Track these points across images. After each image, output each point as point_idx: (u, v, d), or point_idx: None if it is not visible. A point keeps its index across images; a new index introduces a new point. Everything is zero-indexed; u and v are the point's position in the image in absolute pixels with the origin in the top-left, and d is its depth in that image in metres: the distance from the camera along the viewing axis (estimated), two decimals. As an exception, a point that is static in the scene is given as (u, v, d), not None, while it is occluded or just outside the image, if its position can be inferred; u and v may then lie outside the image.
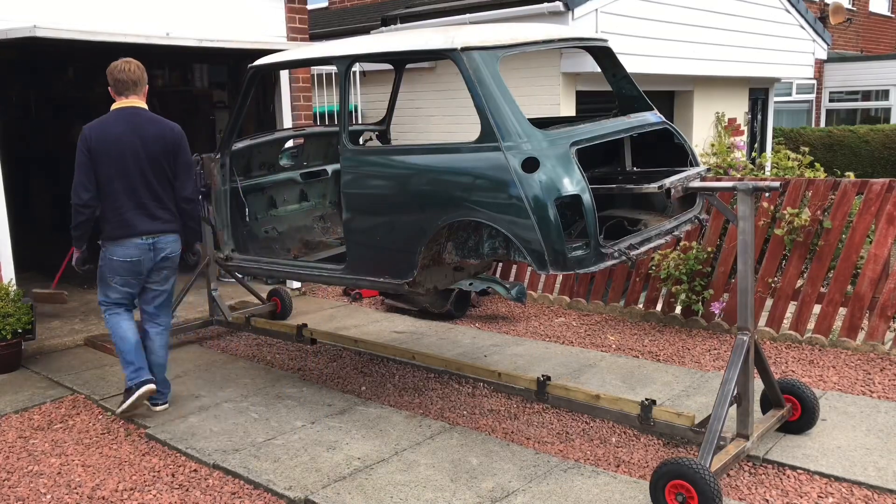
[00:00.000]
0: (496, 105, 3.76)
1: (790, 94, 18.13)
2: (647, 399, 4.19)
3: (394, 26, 10.14)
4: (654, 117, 4.50)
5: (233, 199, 5.27)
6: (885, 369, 5.18)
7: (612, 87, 4.72)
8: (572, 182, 3.60)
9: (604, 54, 4.67)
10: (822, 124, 19.10)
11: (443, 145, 4.16)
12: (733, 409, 3.76)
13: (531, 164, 3.63)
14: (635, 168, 4.72)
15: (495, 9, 9.00)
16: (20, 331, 5.59)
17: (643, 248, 3.95)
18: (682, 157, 4.52)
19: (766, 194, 4.77)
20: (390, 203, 4.17)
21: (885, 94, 19.00)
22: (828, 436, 4.16)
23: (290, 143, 6.26)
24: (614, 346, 5.90)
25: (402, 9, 10.43)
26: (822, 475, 3.79)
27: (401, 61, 5.78)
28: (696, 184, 3.97)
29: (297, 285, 7.77)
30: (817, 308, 5.78)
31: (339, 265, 4.61)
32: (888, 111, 18.88)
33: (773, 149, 12.95)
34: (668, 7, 9.91)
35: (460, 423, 4.57)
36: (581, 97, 9.42)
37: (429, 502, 3.64)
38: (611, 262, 3.76)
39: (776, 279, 5.99)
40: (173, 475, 4.07)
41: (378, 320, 6.77)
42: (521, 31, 4.19)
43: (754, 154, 9.46)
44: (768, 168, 9.06)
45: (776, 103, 14.46)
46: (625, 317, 6.65)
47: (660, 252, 6.23)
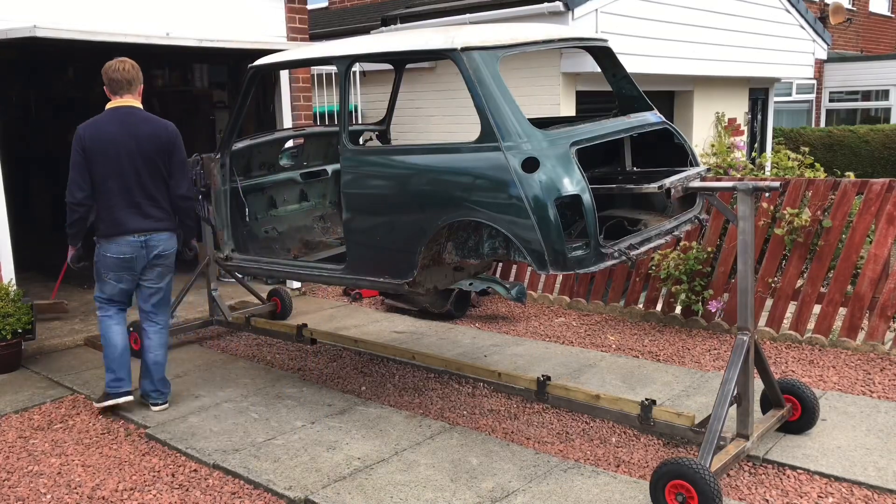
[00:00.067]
0: (496, 105, 3.76)
1: (790, 94, 18.13)
2: (647, 399, 4.19)
3: (394, 26, 10.13)
4: (653, 117, 4.50)
5: (233, 199, 5.27)
6: (885, 369, 5.18)
7: (612, 87, 4.73)
8: (572, 182, 3.60)
9: (604, 54, 4.67)
10: (822, 124, 19.09)
11: (443, 145, 4.16)
12: (733, 409, 3.76)
13: (531, 164, 3.64)
14: (635, 168, 4.72)
15: (495, 9, 9.00)
16: (20, 331, 5.60)
17: (643, 248, 3.95)
18: (682, 157, 4.52)
19: (766, 194, 4.76)
20: (390, 203, 4.17)
21: (885, 94, 19.00)
22: (828, 436, 4.16)
23: (290, 143, 6.26)
24: (614, 346, 5.89)
25: (402, 9, 10.43)
26: (822, 475, 3.79)
27: (401, 61, 5.78)
28: (696, 184, 3.98)
29: (297, 285, 7.77)
30: (817, 308, 5.78)
31: (339, 265, 4.61)
32: (888, 111, 18.88)
33: (773, 149, 12.95)
34: (668, 7, 9.91)
35: (460, 423, 4.56)
36: (581, 97, 9.41)
37: (429, 502, 3.64)
38: (611, 262, 3.76)
39: (776, 279, 5.99)
40: (173, 475, 4.07)
41: (378, 320, 6.77)
42: (521, 31, 4.19)
43: (754, 154, 9.47)
44: (768, 168, 9.06)
45: (776, 103, 14.45)
46: (625, 317, 6.65)
47: (660, 252, 6.23)
